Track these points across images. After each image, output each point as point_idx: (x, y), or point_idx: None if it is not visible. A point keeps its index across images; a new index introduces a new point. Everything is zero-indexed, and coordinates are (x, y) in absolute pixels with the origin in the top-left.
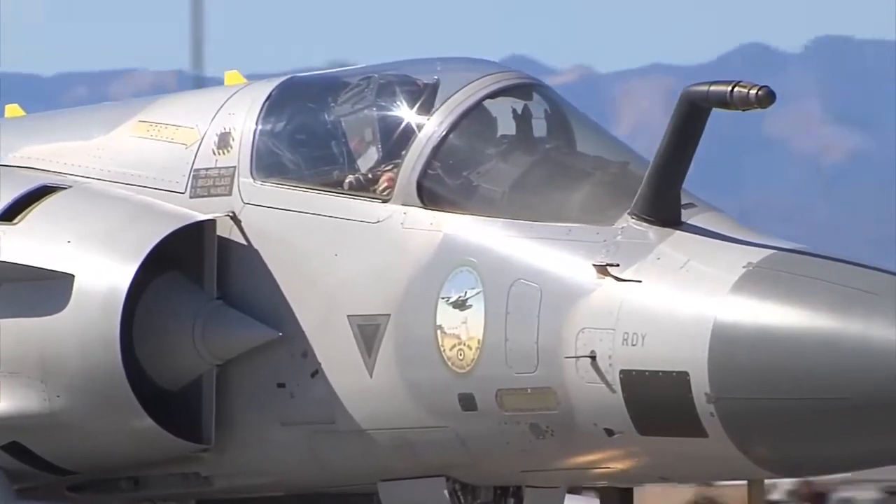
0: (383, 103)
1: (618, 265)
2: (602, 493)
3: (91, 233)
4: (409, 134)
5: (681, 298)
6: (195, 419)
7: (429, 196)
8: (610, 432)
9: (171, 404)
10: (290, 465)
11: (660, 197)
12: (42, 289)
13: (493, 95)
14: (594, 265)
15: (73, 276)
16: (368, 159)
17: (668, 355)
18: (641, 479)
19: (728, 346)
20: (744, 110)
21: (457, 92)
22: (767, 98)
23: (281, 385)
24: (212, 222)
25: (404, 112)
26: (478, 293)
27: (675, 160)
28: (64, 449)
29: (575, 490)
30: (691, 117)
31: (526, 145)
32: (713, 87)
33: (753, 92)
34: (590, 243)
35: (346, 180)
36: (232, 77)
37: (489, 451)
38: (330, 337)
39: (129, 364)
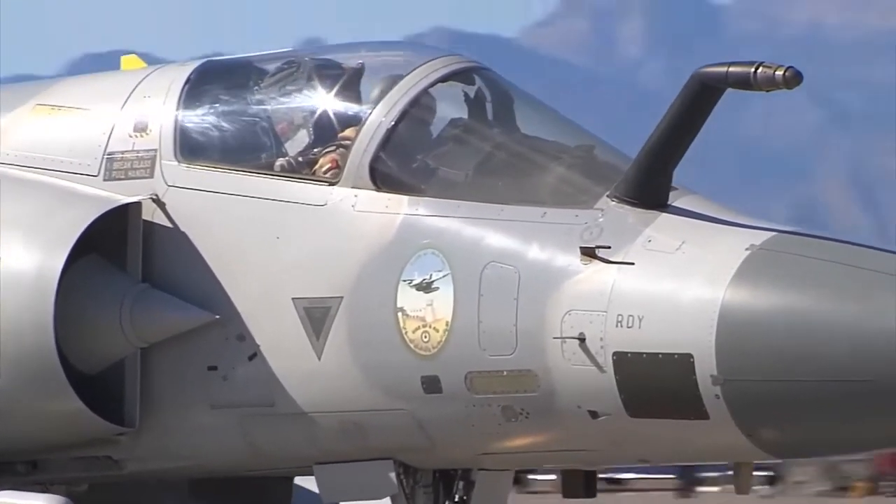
0: (320, 87)
1: (609, 247)
2: (566, 475)
3: (13, 217)
4: (355, 118)
5: (681, 281)
6: (117, 402)
7: (383, 179)
8: (594, 414)
9: (91, 387)
10: (217, 448)
11: (649, 179)
12: None
13: (444, 79)
14: (582, 247)
15: None
16: (299, 142)
17: (670, 337)
18: (620, 461)
19: (737, 327)
20: (767, 91)
21: (407, 75)
22: (795, 79)
23: (212, 368)
24: (136, 205)
25: (347, 96)
26: (445, 276)
27: (674, 142)
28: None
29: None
30: (701, 99)
31: (483, 129)
32: (733, 69)
33: (780, 73)
34: (568, 225)
35: (283, 163)
36: (130, 61)
37: (450, 433)
38: (271, 320)
39: None
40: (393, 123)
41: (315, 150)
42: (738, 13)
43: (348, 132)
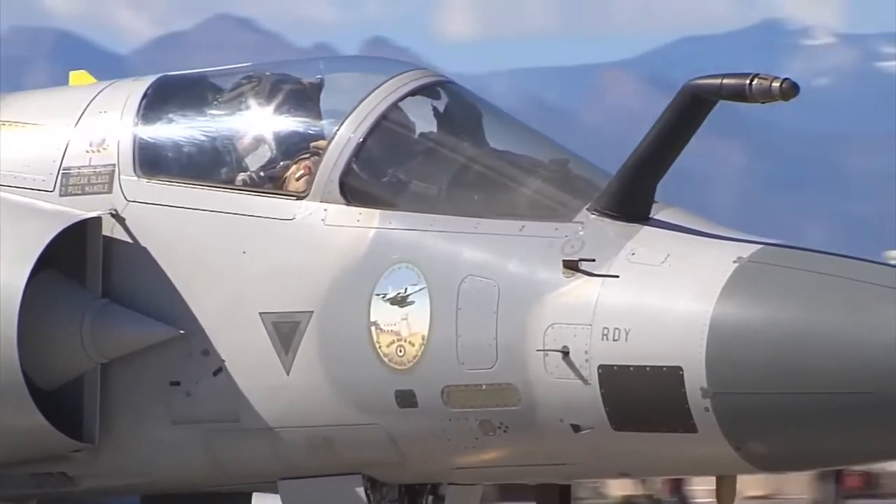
0: (283, 101)
1: (593, 260)
2: (541, 489)
3: None
4: (320, 133)
5: (668, 294)
6: (75, 417)
7: (353, 193)
8: (577, 428)
9: (48, 403)
10: (178, 464)
11: (632, 192)
12: None
13: (412, 93)
14: (564, 260)
15: None
16: (261, 157)
17: (658, 350)
18: (601, 475)
19: (727, 340)
20: (762, 103)
21: (376, 89)
22: (791, 90)
23: (175, 383)
24: (96, 220)
25: (310, 110)
26: (420, 289)
27: (661, 155)
28: None
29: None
30: (692, 111)
31: (454, 142)
32: (727, 80)
33: (777, 84)
34: (548, 239)
35: (246, 177)
36: (78, 77)
37: (423, 448)
38: (237, 335)
39: None
40: (363, 138)
41: (279, 164)
42: None
43: (320, 143)
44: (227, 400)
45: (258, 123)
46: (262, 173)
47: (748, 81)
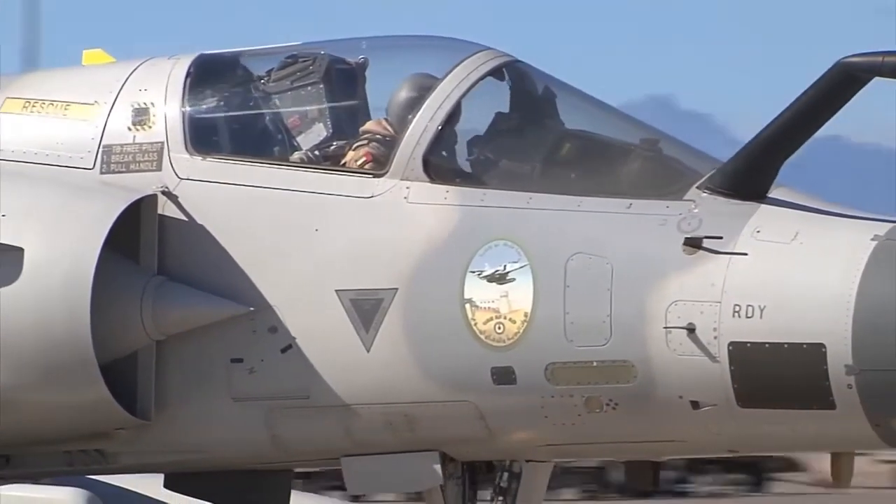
0: (341, 82)
1: (721, 237)
2: (631, 467)
3: (28, 210)
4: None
5: (807, 271)
6: (126, 393)
7: (438, 171)
8: (696, 405)
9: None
10: (234, 441)
11: (756, 169)
12: None
13: (491, 72)
14: (688, 237)
15: (21, 249)
16: (315, 136)
17: (799, 327)
18: (711, 450)
19: (874, 317)
20: None
21: (455, 68)
22: None
23: (237, 360)
24: (151, 197)
25: (362, 92)
26: (522, 267)
27: (798, 131)
28: None
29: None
30: (842, 88)
31: (537, 122)
32: (889, 58)
33: None
34: (661, 216)
35: (309, 156)
36: (93, 55)
37: (514, 425)
38: (310, 312)
39: None
40: (446, 116)
41: (335, 143)
42: None
43: (370, 125)
44: (297, 377)
45: (316, 102)
46: (317, 152)
47: None
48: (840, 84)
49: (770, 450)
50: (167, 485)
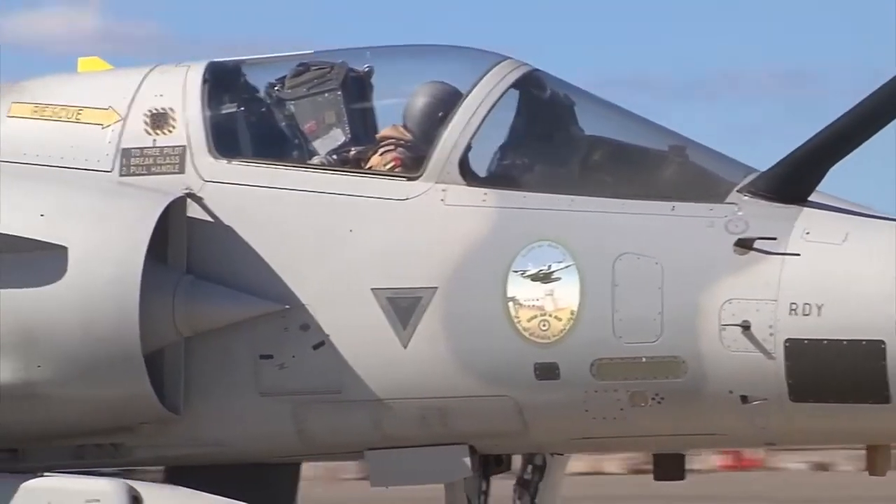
0: (360, 88)
1: (775, 238)
2: (659, 458)
3: (67, 207)
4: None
5: (861, 271)
6: (154, 388)
7: (474, 174)
8: (745, 399)
9: None
10: (259, 435)
11: (803, 172)
12: (26, 261)
13: (520, 80)
14: (740, 238)
15: (65, 247)
16: (335, 140)
17: (856, 324)
18: (755, 443)
19: None
20: None
21: (484, 77)
22: None
23: (267, 356)
24: (181, 199)
25: (381, 98)
26: (567, 266)
27: (851, 138)
28: (25, 422)
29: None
30: None
31: (567, 128)
32: None
33: None
34: (707, 218)
35: (327, 160)
36: (89, 62)
37: (554, 419)
38: (344, 310)
39: None
40: (480, 121)
41: (355, 148)
42: None
43: (388, 131)
44: (329, 372)
45: (334, 109)
46: (335, 156)
47: None
48: None
49: (815, 443)
50: (168, 478)
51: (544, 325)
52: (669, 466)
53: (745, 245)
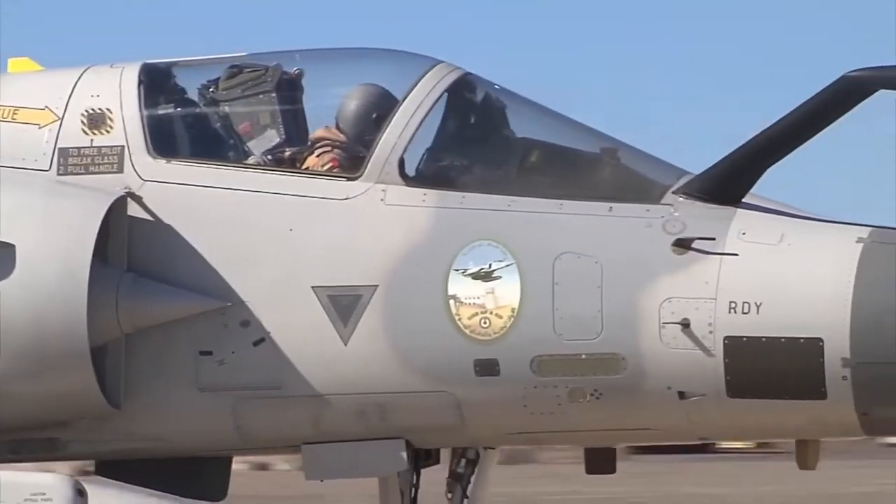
0: (294, 89)
1: (714, 239)
2: (590, 452)
3: (10, 206)
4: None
5: (801, 270)
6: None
7: (414, 175)
8: (683, 395)
9: None
10: (198, 430)
11: (739, 174)
12: None
13: (455, 84)
14: (679, 238)
15: (13, 245)
16: (270, 141)
17: (795, 322)
18: (688, 437)
19: (870, 314)
20: None
21: (422, 78)
22: None
23: (206, 353)
24: (122, 197)
25: (315, 100)
26: (508, 265)
27: (790, 139)
28: None
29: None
30: (846, 100)
31: (502, 131)
32: (892, 72)
33: None
34: (644, 219)
35: (264, 160)
36: (20, 63)
37: (490, 414)
38: (285, 307)
39: None
40: (418, 124)
41: (290, 149)
42: None
43: (322, 133)
44: (268, 368)
45: (269, 110)
46: (269, 157)
47: None
48: (845, 96)
49: (750, 438)
50: (98, 471)
51: (485, 323)
52: (601, 460)
53: (683, 245)
